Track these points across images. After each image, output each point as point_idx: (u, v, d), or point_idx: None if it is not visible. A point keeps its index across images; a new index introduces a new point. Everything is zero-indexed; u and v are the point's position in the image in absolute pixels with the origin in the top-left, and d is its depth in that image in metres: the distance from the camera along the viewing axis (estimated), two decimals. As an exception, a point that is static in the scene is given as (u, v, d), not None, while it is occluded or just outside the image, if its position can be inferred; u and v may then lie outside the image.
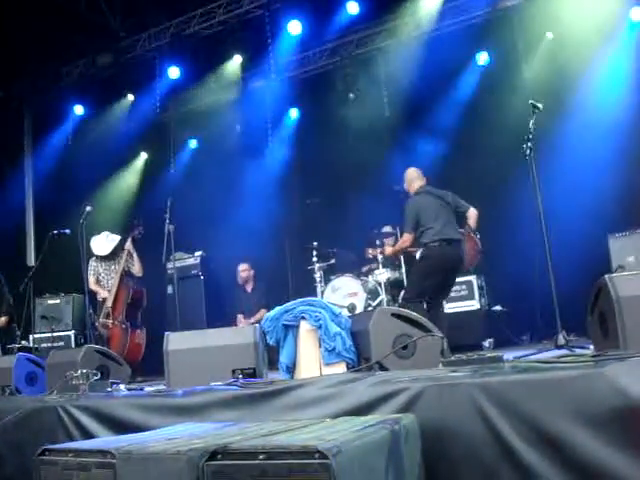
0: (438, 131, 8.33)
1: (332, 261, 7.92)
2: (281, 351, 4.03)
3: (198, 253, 9.17)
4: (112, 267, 7.27)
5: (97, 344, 6.06)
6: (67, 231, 6.85)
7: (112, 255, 7.25)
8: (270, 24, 8.71)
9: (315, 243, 7.81)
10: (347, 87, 9.30)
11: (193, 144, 10.66)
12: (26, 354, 5.06)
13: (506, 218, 7.09)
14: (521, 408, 2.25)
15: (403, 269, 7.34)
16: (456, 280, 6.29)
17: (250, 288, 8.44)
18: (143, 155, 10.76)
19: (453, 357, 2.97)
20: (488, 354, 2.89)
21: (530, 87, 7.61)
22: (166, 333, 4.01)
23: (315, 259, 7.74)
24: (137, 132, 10.10)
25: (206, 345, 3.88)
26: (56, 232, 6.91)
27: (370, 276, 7.42)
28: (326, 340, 3.82)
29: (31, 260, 9.97)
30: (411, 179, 6.15)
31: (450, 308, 6.89)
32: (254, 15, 8.82)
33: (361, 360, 3.78)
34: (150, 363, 6.50)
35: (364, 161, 8.66)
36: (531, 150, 4.52)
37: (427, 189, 6.01)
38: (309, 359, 3.90)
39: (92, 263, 7.25)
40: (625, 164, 6.92)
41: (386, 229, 7.59)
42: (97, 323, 7.02)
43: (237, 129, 10.32)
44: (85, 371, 3.86)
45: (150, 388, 4.06)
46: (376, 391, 2.58)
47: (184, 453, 1.90)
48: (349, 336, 3.87)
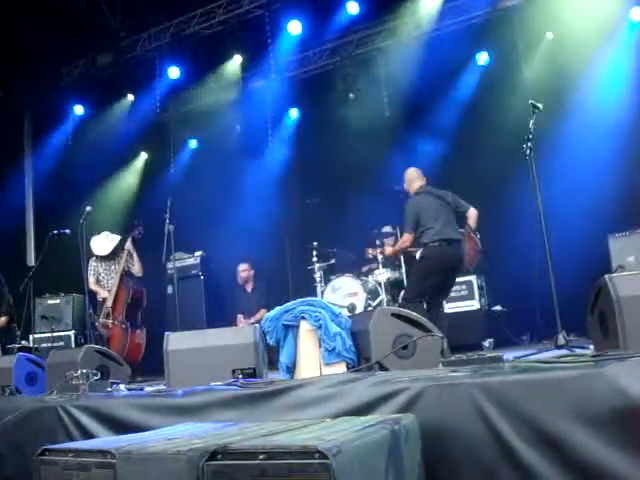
0: (438, 131, 8.33)
1: (332, 261, 7.93)
2: (281, 351, 4.03)
3: (198, 253, 9.16)
4: (112, 267, 7.27)
5: (97, 344, 6.06)
6: (67, 231, 6.85)
7: (112, 255, 7.25)
8: (270, 24, 8.71)
9: (315, 243, 7.81)
10: (347, 87, 9.31)
11: (193, 144, 10.65)
12: (26, 354, 5.05)
13: (506, 218, 7.09)
14: (521, 408, 2.25)
15: (403, 269, 7.34)
16: (456, 280, 6.29)
17: (250, 288, 8.44)
18: (143, 155, 10.75)
19: (453, 357, 2.97)
20: (488, 354, 2.89)
21: (530, 87, 7.60)
22: (166, 333, 4.01)
23: (315, 259, 7.74)
24: (137, 132, 10.09)
25: (206, 345, 3.88)
26: (56, 232, 6.91)
27: (370, 276, 7.42)
28: (326, 340, 3.82)
29: (31, 260, 9.97)
30: (411, 179, 6.15)
31: (450, 308, 6.89)
32: (254, 15, 8.83)
33: (361, 360, 3.78)
34: (150, 363, 6.50)
35: (364, 161, 8.66)
36: (531, 150, 4.52)
37: (427, 189, 6.02)
38: (309, 359, 3.90)
39: (92, 263, 7.25)
40: (625, 164, 6.92)
41: (386, 229, 7.59)
42: (97, 323, 7.01)
43: (237, 129, 10.33)
44: (85, 371, 3.86)
45: (150, 388, 4.06)
46: (376, 391, 2.58)
47: (184, 453, 1.89)
48: (349, 336, 3.87)
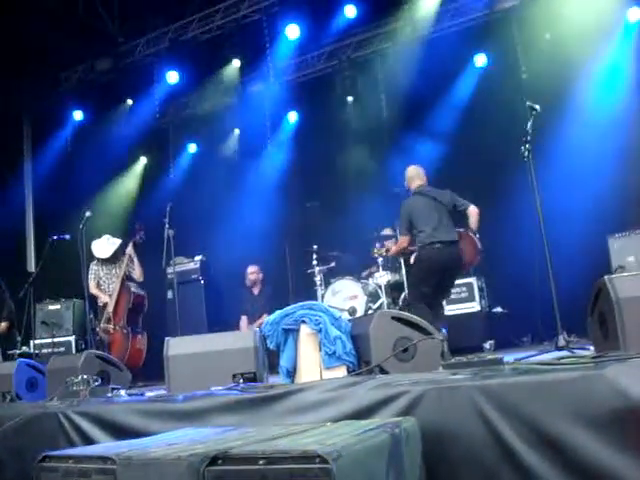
0: (437, 133, 8.35)
1: (332, 264, 7.92)
2: (281, 355, 4.03)
3: (198, 258, 9.16)
4: (113, 271, 7.26)
5: (98, 349, 6.07)
6: (67, 236, 6.84)
7: (113, 259, 7.24)
8: (268, 28, 8.74)
9: (315, 246, 7.81)
10: (345, 90, 9.33)
11: (192, 148, 10.66)
12: (27, 360, 5.05)
13: (506, 220, 7.09)
14: (521, 410, 2.24)
15: (403, 271, 7.33)
16: (456, 282, 6.29)
17: (257, 291, 8.43)
18: (142, 160, 10.76)
19: (453, 360, 2.97)
20: (488, 356, 2.89)
21: (528, 89, 7.60)
22: (166, 338, 4.01)
23: (315, 262, 7.74)
24: (136, 137, 10.10)
25: (206, 350, 3.87)
26: (56, 237, 6.91)
27: (370, 279, 7.42)
28: (326, 344, 3.81)
29: (31, 266, 9.96)
30: (410, 177, 6.12)
31: (450, 310, 6.88)
32: (252, 19, 8.85)
33: (361, 363, 3.77)
34: (151, 368, 6.49)
35: (363, 164, 8.68)
36: (529, 152, 4.51)
37: (422, 190, 5.96)
38: (309, 363, 3.90)
39: (93, 267, 7.23)
40: (624, 164, 6.92)
41: (386, 231, 7.58)
42: (98, 328, 7.01)
43: (236, 133, 10.36)
44: (86, 377, 3.86)
45: (151, 393, 4.05)
46: (376, 394, 2.58)
47: (185, 458, 1.89)
48: (349, 339, 3.87)
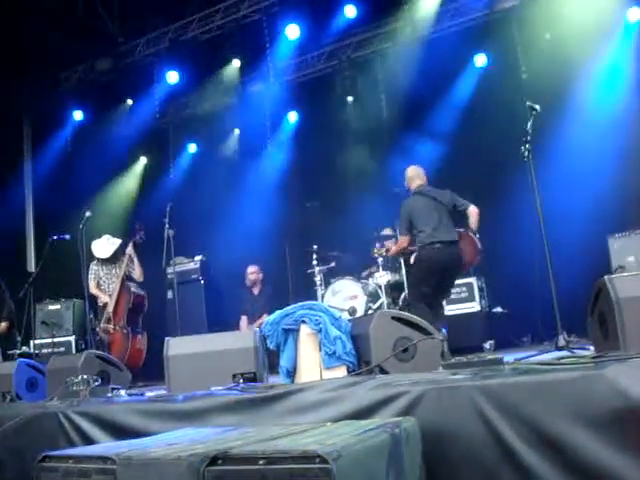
0: (437, 133, 8.34)
1: (332, 264, 7.92)
2: (281, 355, 4.02)
3: (198, 258, 9.16)
4: (113, 271, 7.25)
5: (98, 349, 6.07)
6: (67, 236, 6.83)
7: (113, 259, 7.24)
8: (268, 28, 8.74)
9: (315, 246, 7.81)
10: (345, 90, 9.33)
11: (192, 148, 10.66)
12: (26, 360, 5.05)
13: (506, 220, 7.09)
14: (521, 410, 2.24)
15: (403, 271, 7.33)
16: (456, 282, 6.29)
17: (257, 291, 8.43)
18: (142, 160, 10.76)
19: (453, 360, 2.96)
20: (488, 356, 2.89)
21: (528, 88, 7.60)
22: (166, 338, 4.01)
23: (315, 262, 7.74)
24: (136, 137, 10.10)
25: (206, 350, 3.87)
26: (56, 237, 6.91)
27: (370, 279, 7.42)
28: (326, 344, 3.81)
29: (31, 266, 9.96)
30: (410, 177, 6.12)
31: (450, 310, 6.88)
32: (252, 19, 8.86)
33: (361, 363, 3.77)
34: (151, 368, 6.49)
35: (363, 164, 8.68)
36: (529, 152, 4.51)
37: (422, 190, 5.95)
38: (309, 363, 3.90)
39: (93, 267, 7.23)
40: (624, 164, 6.92)
41: (386, 232, 7.57)
42: (98, 328, 7.00)
43: (236, 133, 10.36)
44: (85, 377, 3.86)
45: (151, 393, 4.05)
46: (376, 395, 2.58)
47: (185, 458, 1.89)
48: (349, 339, 3.87)
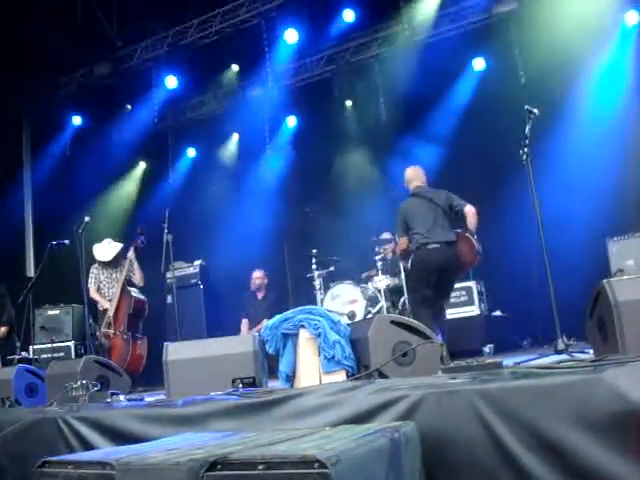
0: (435, 137, 8.36)
1: (331, 268, 7.92)
2: (281, 360, 4.02)
3: (197, 262, 9.16)
4: (114, 275, 7.24)
5: (98, 354, 6.06)
6: (66, 242, 6.82)
7: (114, 263, 7.23)
8: (267, 33, 8.76)
9: (314, 250, 7.80)
10: (344, 94, 9.34)
11: (191, 153, 10.67)
12: (26, 365, 5.05)
13: (505, 223, 7.09)
14: (521, 414, 2.24)
15: (402, 275, 7.32)
16: (455, 286, 6.28)
17: (261, 295, 8.43)
18: (142, 165, 10.78)
19: (452, 364, 2.96)
20: (488, 360, 2.89)
21: (527, 92, 7.62)
22: (165, 343, 4.01)
23: (314, 266, 7.73)
24: (135, 142, 10.11)
25: (206, 355, 3.87)
26: (55, 243, 6.90)
27: (369, 283, 7.41)
28: (325, 348, 3.81)
29: (30, 271, 9.94)
30: (409, 178, 6.11)
31: (450, 314, 6.85)
32: (251, 24, 8.87)
33: (361, 368, 3.77)
34: (150, 373, 6.49)
35: (362, 168, 8.69)
36: (528, 155, 4.52)
37: (419, 191, 5.94)
38: (308, 367, 3.89)
39: (93, 270, 7.22)
40: (622, 168, 6.93)
41: (385, 236, 7.58)
42: (98, 333, 6.99)
43: (235, 138, 10.37)
44: (85, 382, 3.86)
45: (150, 398, 4.05)
46: (376, 399, 2.57)
47: (184, 464, 1.89)
48: (348, 344, 3.86)
